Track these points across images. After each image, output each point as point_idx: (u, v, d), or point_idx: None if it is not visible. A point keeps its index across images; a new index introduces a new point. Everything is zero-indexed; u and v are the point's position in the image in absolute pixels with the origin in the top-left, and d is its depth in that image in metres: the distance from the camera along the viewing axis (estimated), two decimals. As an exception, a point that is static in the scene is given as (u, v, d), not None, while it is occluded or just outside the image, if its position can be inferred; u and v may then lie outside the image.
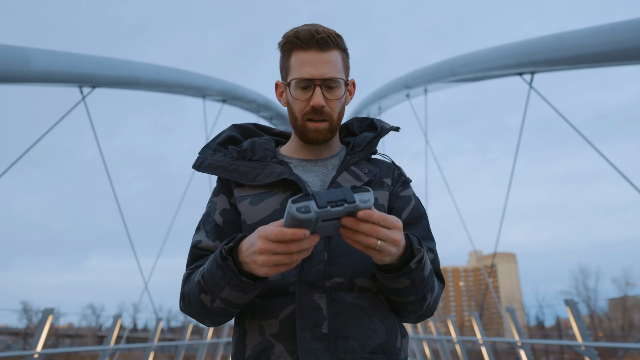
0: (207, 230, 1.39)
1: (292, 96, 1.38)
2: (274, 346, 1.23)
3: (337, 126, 1.42)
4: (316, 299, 1.24)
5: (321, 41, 1.34)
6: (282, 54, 1.42)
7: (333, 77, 1.35)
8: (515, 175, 52.44)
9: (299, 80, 1.36)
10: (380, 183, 1.43)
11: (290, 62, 1.38)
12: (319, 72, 1.34)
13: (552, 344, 33.85)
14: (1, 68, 7.27)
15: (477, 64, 10.83)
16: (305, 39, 1.35)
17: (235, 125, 1.57)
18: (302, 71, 1.35)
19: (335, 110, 1.39)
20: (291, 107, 1.41)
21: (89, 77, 9.45)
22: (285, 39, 1.39)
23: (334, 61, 1.36)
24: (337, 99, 1.38)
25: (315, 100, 1.34)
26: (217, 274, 1.14)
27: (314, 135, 1.39)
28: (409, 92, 14.81)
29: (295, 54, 1.37)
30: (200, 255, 1.36)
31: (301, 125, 1.40)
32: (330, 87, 1.37)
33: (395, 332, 1.29)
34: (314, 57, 1.35)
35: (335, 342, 1.21)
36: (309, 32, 1.35)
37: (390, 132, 1.51)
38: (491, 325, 73.02)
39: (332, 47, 1.36)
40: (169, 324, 59.67)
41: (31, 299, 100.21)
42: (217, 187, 1.48)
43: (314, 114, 1.37)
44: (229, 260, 1.12)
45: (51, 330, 41.05)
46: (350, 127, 1.59)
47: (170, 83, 12.01)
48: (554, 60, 8.64)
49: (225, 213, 1.41)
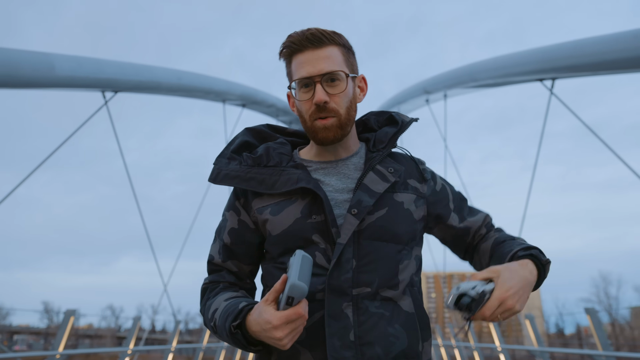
0: (219, 246, 1.45)
1: (297, 98, 1.38)
2: (300, 353, 1.26)
3: (347, 122, 1.37)
4: (344, 308, 1.26)
5: (313, 38, 1.34)
6: (285, 63, 1.42)
7: (332, 71, 1.33)
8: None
9: (299, 80, 1.35)
10: (405, 185, 1.41)
11: (292, 67, 1.38)
12: (316, 68, 1.33)
13: (571, 353, 33.35)
14: (28, 73, 7.44)
15: (497, 69, 10.74)
16: (298, 41, 1.35)
17: (248, 129, 1.54)
18: (301, 71, 1.34)
19: (341, 105, 1.35)
20: (300, 111, 1.39)
21: (111, 82, 9.59)
22: (282, 47, 1.39)
23: (331, 56, 1.35)
24: (340, 93, 1.35)
25: (317, 97, 1.32)
26: (229, 340, 1.24)
27: (323, 133, 1.35)
28: (428, 97, 14.74)
29: (294, 58, 1.37)
30: (215, 270, 1.45)
31: (310, 126, 1.37)
32: (332, 81, 1.34)
33: (416, 337, 1.31)
34: (310, 56, 1.34)
35: (362, 349, 1.24)
36: (300, 33, 1.35)
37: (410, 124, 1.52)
38: (510, 332, 72.13)
39: (326, 43, 1.35)
40: (187, 326, 60.06)
41: (56, 299, 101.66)
42: (230, 199, 1.47)
43: (320, 112, 1.34)
44: (239, 334, 1.21)
45: (71, 330, 41.42)
46: (368, 122, 1.56)
47: (191, 88, 12.13)
48: (575, 67, 8.54)
49: (232, 233, 1.42)
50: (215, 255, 1.44)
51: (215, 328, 1.29)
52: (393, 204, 1.36)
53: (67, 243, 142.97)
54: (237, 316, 1.20)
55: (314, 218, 1.31)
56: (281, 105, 16.65)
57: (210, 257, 1.45)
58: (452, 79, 12.91)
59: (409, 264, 1.36)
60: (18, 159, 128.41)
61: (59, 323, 7.47)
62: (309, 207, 1.33)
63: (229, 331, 1.21)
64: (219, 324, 1.26)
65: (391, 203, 1.36)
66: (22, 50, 7.49)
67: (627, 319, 50.04)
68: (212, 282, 1.42)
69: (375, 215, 1.33)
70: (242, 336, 1.20)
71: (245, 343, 1.20)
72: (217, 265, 1.43)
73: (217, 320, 1.28)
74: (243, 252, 1.42)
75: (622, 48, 7.39)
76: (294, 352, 1.26)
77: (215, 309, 1.30)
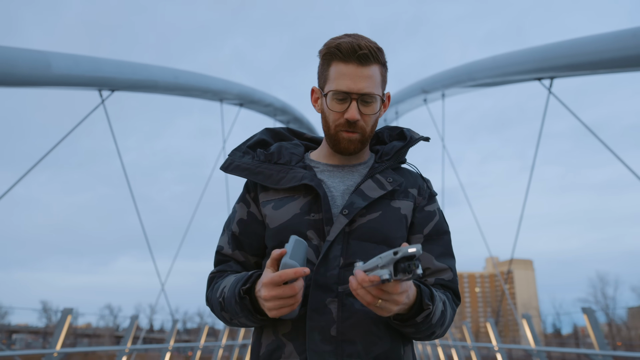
0: (228, 237, 1.48)
1: (328, 107, 1.40)
2: (285, 345, 1.30)
3: (369, 138, 1.44)
4: (327, 303, 1.28)
5: (362, 57, 1.35)
6: (322, 61, 1.43)
7: (370, 93, 1.36)
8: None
9: (336, 92, 1.37)
10: (405, 193, 1.44)
11: (330, 71, 1.39)
12: (357, 86, 1.35)
13: (568, 352, 33.39)
14: (24, 71, 7.42)
15: (495, 68, 10.74)
16: (346, 52, 1.35)
17: (268, 129, 1.59)
18: (341, 84, 1.36)
19: (369, 124, 1.40)
20: (325, 116, 1.43)
21: (108, 80, 9.57)
22: (327, 49, 1.39)
23: (373, 76, 1.37)
24: (372, 114, 1.39)
25: (351, 114, 1.36)
26: (236, 307, 1.27)
27: (347, 145, 1.41)
28: (426, 97, 14.73)
29: (335, 65, 1.38)
30: (222, 261, 1.47)
31: (334, 134, 1.41)
32: (367, 102, 1.37)
33: (399, 340, 1.33)
34: (354, 71, 1.35)
35: (343, 345, 1.26)
36: (351, 45, 1.35)
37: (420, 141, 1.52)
38: (507, 332, 72.25)
39: (372, 62, 1.37)
40: (185, 325, 60.06)
41: (54, 298, 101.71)
42: (241, 193, 1.52)
43: (348, 127, 1.38)
44: (246, 299, 1.24)
45: (70, 329, 41.51)
46: (381, 135, 1.60)
47: (188, 87, 12.11)
48: (573, 66, 8.54)
49: (241, 223, 1.47)
50: (225, 245, 1.47)
51: (223, 302, 1.31)
52: (388, 209, 1.39)
53: (66, 243, 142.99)
54: (247, 281, 1.25)
55: (312, 216, 1.36)
56: (279, 104, 16.63)
57: (220, 247, 1.48)
58: (450, 79, 12.91)
59: None
60: (18, 158, 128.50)
61: (57, 322, 7.45)
62: (309, 205, 1.37)
63: (238, 296, 1.24)
64: (227, 295, 1.30)
65: (386, 208, 1.39)
66: (17, 48, 7.47)
67: (624, 319, 50.15)
68: (219, 271, 1.45)
69: (367, 218, 1.36)
70: (249, 302, 1.24)
71: (251, 309, 1.24)
72: (225, 255, 1.46)
73: (226, 293, 1.31)
74: (250, 243, 1.45)
75: (620, 47, 7.40)
76: (280, 344, 1.30)
77: (224, 286, 1.34)
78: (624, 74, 8.06)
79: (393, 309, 1.14)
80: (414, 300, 1.21)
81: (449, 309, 1.36)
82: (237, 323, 1.34)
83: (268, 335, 1.33)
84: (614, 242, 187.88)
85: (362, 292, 1.11)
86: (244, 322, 1.30)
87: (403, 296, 1.13)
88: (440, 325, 1.31)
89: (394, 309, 1.14)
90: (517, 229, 11.86)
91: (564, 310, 60.67)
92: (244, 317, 1.27)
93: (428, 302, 1.22)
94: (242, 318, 1.28)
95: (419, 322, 1.24)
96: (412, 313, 1.23)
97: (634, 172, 7.85)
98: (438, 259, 1.41)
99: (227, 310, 1.31)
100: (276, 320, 1.31)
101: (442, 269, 1.41)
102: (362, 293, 1.11)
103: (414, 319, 1.23)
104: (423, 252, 1.41)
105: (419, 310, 1.23)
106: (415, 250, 1.00)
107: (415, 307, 1.22)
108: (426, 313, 1.23)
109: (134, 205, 11.73)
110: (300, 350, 1.27)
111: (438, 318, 1.28)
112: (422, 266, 1.40)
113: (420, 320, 1.23)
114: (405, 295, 1.14)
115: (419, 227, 1.43)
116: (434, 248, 1.43)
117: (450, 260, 1.44)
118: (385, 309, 1.13)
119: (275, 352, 1.30)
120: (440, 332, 1.35)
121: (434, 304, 1.24)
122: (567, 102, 9.21)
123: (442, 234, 1.46)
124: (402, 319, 1.25)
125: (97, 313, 63.63)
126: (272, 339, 1.32)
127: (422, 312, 1.23)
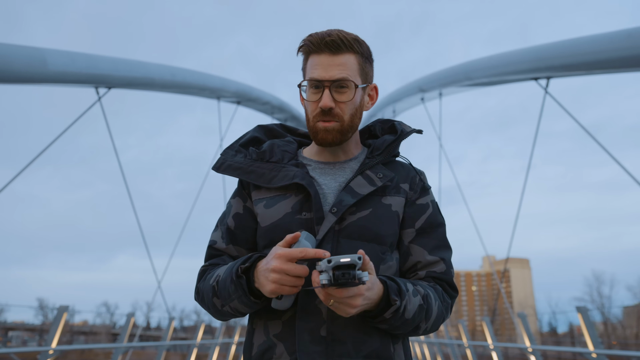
0: (222, 232, 1.48)
1: (305, 97, 1.41)
2: (276, 346, 1.30)
3: (348, 128, 1.41)
4: (317, 304, 1.28)
5: (331, 44, 1.36)
6: (302, 59, 1.45)
7: (342, 78, 1.36)
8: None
9: (309, 80, 1.39)
10: (397, 188, 1.43)
11: (307, 65, 1.41)
12: (328, 73, 1.36)
13: (563, 351, 33.51)
14: (19, 68, 7.39)
15: (492, 68, 10.75)
16: (317, 43, 1.37)
17: (260, 126, 1.59)
18: (313, 72, 1.37)
19: (345, 112, 1.39)
20: (306, 110, 1.44)
21: (105, 77, 9.54)
22: (301, 44, 1.42)
23: (346, 64, 1.37)
24: (347, 101, 1.38)
25: (323, 102, 1.36)
26: (230, 287, 1.26)
27: (323, 135, 1.40)
28: (423, 96, 14.74)
29: (310, 57, 1.40)
30: (215, 255, 1.46)
31: (313, 126, 1.41)
32: (340, 89, 1.37)
33: (388, 338, 1.32)
34: (325, 60, 1.37)
35: (332, 345, 1.26)
36: (320, 36, 1.38)
37: (412, 134, 1.51)
38: (503, 330, 72.42)
39: (344, 51, 1.37)
40: (182, 323, 60.06)
41: (51, 296, 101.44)
42: (236, 189, 1.52)
43: (324, 115, 1.38)
44: (243, 279, 1.24)
45: (66, 327, 41.42)
46: (373, 129, 1.59)
47: (185, 84, 12.09)
48: (569, 66, 8.55)
49: (237, 217, 1.46)
50: (218, 239, 1.47)
51: (217, 285, 1.31)
52: (379, 206, 1.38)
53: (64, 240, 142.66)
54: (247, 260, 1.26)
55: (303, 215, 1.36)
56: (276, 102, 16.61)
57: (212, 242, 1.47)
58: (447, 77, 12.91)
59: (392, 265, 1.38)
60: (20, 154, 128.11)
61: (53, 319, 7.44)
62: (301, 204, 1.37)
63: (235, 274, 1.24)
64: (222, 277, 1.29)
65: (377, 205, 1.38)
66: (13, 44, 7.42)
67: (620, 318, 50.30)
68: (212, 264, 1.44)
69: (357, 216, 1.35)
70: (245, 282, 1.24)
71: (246, 289, 1.24)
72: (218, 249, 1.46)
73: (221, 276, 1.31)
74: (245, 237, 1.44)
75: (616, 47, 7.41)
76: (271, 345, 1.30)
77: (218, 274, 1.33)
78: (625, 74, 8.06)
79: (349, 310, 1.16)
80: (380, 298, 1.23)
81: (436, 302, 1.34)
82: (227, 310, 1.32)
83: (259, 336, 1.33)
84: (610, 241, 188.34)
85: (317, 291, 1.17)
86: (234, 307, 1.29)
87: (357, 299, 1.15)
88: (424, 320, 1.31)
89: (351, 311, 1.16)
90: (513, 228, 11.89)
91: (560, 309, 60.84)
92: (237, 299, 1.26)
93: (395, 297, 1.23)
94: (234, 300, 1.27)
95: (388, 318, 1.24)
96: (380, 310, 1.24)
97: (627, 170, 7.87)
98: (431, 252, 1.41)
99: (219, 295, 1.30)
100: (267, 321, 1.32)
101: (434, 262, 1.40)
102: (317, 291, 1.17)
103: (382, 315, 1.24)
104: (416, 246, 1.41)
105: (387, 306, 1.24)
106: (349, 260, 1.06)
107: (382, 304, 1.23)
108: (394, 309, 1.23)
109: (131, 202, 11.71)
110: (291, 350, 1.27)
111: (415, 312, 1.27)
112: (414, 260, 1.40)
113: (389, 316, 1.24)
114: (360, 298, 1.15)
115: (410, 222, 1.42)
116: (427, 241, 1.42)
117: (444, 252, 1.43)
118: (340, 309, 1.17)
119: (267, 352, 1.30)
120: (428, 326, 1.34)
121: (402, 299, 1.24)
122: (568, 102, 9.24)
123: (436, 226, 1.45)
124: (372, 316, 1.26)
125: (93, 310, 63.60)
126: (264, 340, 1.32)
127: (389, 307, 1.23)
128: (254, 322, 1.37)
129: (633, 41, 7.10)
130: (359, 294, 1.15)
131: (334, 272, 1.08)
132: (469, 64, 11.92)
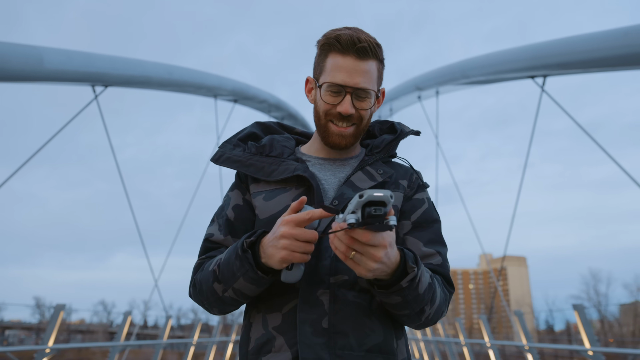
0: (219, 224, 1.45)
1: (322, 98, 1.38)
2: (275, 339, 1.27)
3: (362, 133, 1.43)
4: (319, 295, 1.26)
5: (361, 50, 1.33)
6: (319, 52, 1.41)
7: (365, 88, 1.35)
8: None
9: (331, 84, 1.35)
10: (396, 184, 1.44)
11: (326, 63, 1.37)
12: (352, 80, 1.33)
13: (560, 349, 33.56)
14: (16, 67, 7.37)
15: (488, 66, 10.77)
16: (345, 44, 1.33)
17: (258, 122, 1.59)
18: (336, 76, 1.34)
19: (363, 119, 1.40)
20: (317, 107, 1.42)
21: (101, 76, 9.52)
22: (325, 39, 1.37)
23: (370, 71, 1.35)
24: (366, 110, 1.38)
25: (344, 108, 1.35)
26: (235, 264, 1.21)
27: (337, 139, 1.40)
28: (420, 94, 14.75)
29: (332, 56, 1.36)
30: (211, 248, 1.43)
31: (324, 124, 1.40)
32: (361, 97, 1.36)
33: (391, 333, 1.31)
34: (351, 64, 1.34)
35: (335, 337, 1.24)
36: (350, 37, 1.33)
37: (410, 135, 1.52)
38: (500, 328, 72.53)
39: (370, 57, 1.35)
40: (179, 321, 60.04)
41: (48, 294, 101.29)
42: (234, 182, 1.51)
43: (340, 119, 1.38)
44: (249, 253, 1.20)
45: (63, 325, 41.35)
46: (371, 129, 1.59)
47: (182, 82, 12.07)
48: (566, 64, 8.57)
49: (237, 209, 1.45)
50: (215, 232, 1.44)
51: (218, 269, 1.27)
52: None
53: (62, 238, 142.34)
54: (252, 235, 1.22)
55: (305, 208, 1.33)
56: (273, 101, 16.59)
57: (209, 235, 1.44)
58: (443, 76, 12.93)
59: None
60: (19, 153, 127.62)
61: (50, 318, 7.43)
62: (301, 196, 1.34)
63: (240, 248, 1.20)
64: (225, 258, 1.26)
65: None
66: (9, 43, 7.40)
67: (616, 316, 50.46)
68: (208, 257, 1.41)
69: None
70: (251, 255, 1.20)
71: (253, 262, 1.19)
72: (215, 242, 1.43)
73: (222, 260, 1.27)
74: (245, 229, 1.42)
75: (612, 45, 7.43)
76: (270, 338, 1.27)
77: (219, 258, 1.29)
78: (622, 72, 8.08)
79: (370, 265, 1.08)
80: (397, 265, 1.15)
81: (439, 289, 1.30)
82: (229, 296, 1.27)
83: (257, 329, 1.30)
84: (607, 239, 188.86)
85: (336, 242, 1.08)
86: (238, 289, 1.24)
87: (380, 251, 1.06)
88: (430, 302, 1.25)
89: (372, 265, 1.08)
90: (510, 226, 11.91)
91: (556, 307, 60.98)
92: (242, 276, 1.20)
93: (412, 264, 1.16)
94: (239, 279, 1.21)
95: (405, 287, 1.16)
96: (396, 278, 1.16)
97: (624, 169, 7.89)
98: (426, 245, 1.39)
99: (221, 278, 1.25)
100: (266, 314, 1.30)
101: (430, 254, 1.38)
102: (337, 242, 1.08)
103: (398, 283, 1.16)
104: (411, 238, 1.40)
105: (403, 274, 1.17)
106: (382, 194, 0.95)
107: (398, 272, 1.16)
108: (411, 276, 1.16)
109: (128, 201, 11.70)
110: (291, 343, 1.24)
111: (426, 289, 1.22)
112: (405, 245, 1.38)
113: (406, 284, 1.16)
114: (382, 252, 1.07)
115: (407, 215, 1.42)
116: (423, 235, 1.41)
117: (440, 246, 1.41)
118: (362, 263, 1.08)
119: (265, 345, 1.27)
120: (431, 313, 1.28)
121: (419, 268, 1.18)
122: (565, 100, 9.26)
123: (432, 222, 1.44)
124: (386, 286, 1.18)
125: (90, 309, 63.43)
126: (262, 333, 1.29)
127: (406, 275, 1.16)
128: (252, 315, 1.34)
129: (630, 39, 7.12)
130: (382, 245, 1.06)
131: (364, 209, 0.98)
132: (465, 62, 11.93)
